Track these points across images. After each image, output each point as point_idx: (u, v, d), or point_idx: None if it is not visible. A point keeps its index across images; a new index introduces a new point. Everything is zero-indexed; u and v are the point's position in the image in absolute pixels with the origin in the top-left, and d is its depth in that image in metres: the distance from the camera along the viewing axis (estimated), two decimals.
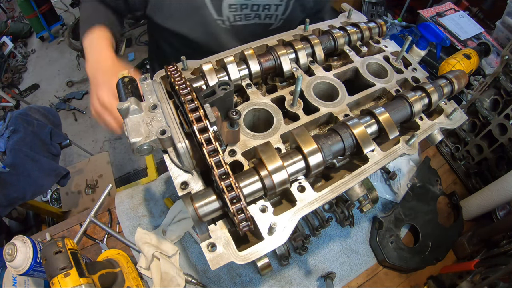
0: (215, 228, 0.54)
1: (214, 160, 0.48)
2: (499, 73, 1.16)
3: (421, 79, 0.81)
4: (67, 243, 0.75)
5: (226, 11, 0.95)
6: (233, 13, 0.96)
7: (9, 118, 1.59)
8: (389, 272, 1.11)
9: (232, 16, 0.97)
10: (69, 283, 0.69)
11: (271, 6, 0.98)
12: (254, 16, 1.00)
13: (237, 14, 0.97)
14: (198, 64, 0.73)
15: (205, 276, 1.03)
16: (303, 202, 0.56)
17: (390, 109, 0.67)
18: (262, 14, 1.00)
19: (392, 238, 1.10)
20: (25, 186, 1.53)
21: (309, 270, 1.06)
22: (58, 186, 2.29)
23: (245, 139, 0.63)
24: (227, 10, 0.94)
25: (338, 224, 1.15)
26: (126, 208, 1.14)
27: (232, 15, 0.96)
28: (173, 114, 0.57)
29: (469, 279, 0.95)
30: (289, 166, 0.55)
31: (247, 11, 0.97)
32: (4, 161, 1.48)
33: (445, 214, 1.25)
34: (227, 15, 0.96)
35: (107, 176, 2.39)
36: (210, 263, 0.50)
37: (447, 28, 1.79)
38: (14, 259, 0.75)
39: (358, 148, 0.61)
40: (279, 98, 0.72)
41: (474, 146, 1.31)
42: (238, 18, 0.98)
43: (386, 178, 1.26)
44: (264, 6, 0.97)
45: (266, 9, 0.99)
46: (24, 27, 4.28)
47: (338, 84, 0.75)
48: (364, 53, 0.86)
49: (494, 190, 1.11)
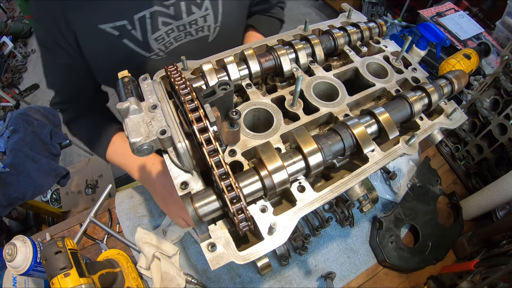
0: (215, 228, 0.54)
1: (214, 160, 0.48)
2: (499, 73, 1.16)
3: (421, 79, 0.81)
4: (67, 243, 0.75)
5: (155, 45, 0.89)
6: (162, 43, 0.90)
7: (9, 118, 1.59)
8: (389, 272, 1.11)
9: (162, 46, 0.91)
10: (69, 283, 0.69)
11: (197, 20, 0.91)
12: (185, 35, 0.93)
13: (166, 41, 0.91)
14: (198, 64, 0.73)
15: (205, 276, 1.03)
16: (303, 202, 0.56)
17: (390, 109, 0.67)
18: (192, 31, 0.93)
19: (392, 238, 1.10)
20: (25, 186, 1.53)
21: (309, 270, 1.06)
22: (58, 186, 2.29)
23: (245, 139, 0.63)
24: (155, 44, 0.89)
25: (338, 224, 1.15)
26: (126, 208, 1.14)
27: (162, 45, 0.90)
28: (173, 114, 0.57)
29: (469, 279, 0.95)
30: (289, 166, 0.55)
31: (174, 34, 0.90)
32: (4, 161, 1.48)
33: (445, 214, 1.25)
34: (158, 48, 0.90)
35: (107, 176, 2.40)
36: (210, 263, 0.50)
37: (447, 28, 1.79)
38: (14, 259, 0.75)
39: (358, 148, 0.61)
40: (279, 98, 0.72)
41: (474, 146, 1.31)
42: (169, 44, 0.92)
43: (386, 178, 1.26)
44: (190, 23, 0.90)
45: (194, 24, 0.91)
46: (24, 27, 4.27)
47: (338, 84, 0.75)
48: (364, 53, 0.86)
49: (494, 190, 1.11)
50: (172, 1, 0.84)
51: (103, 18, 0.80)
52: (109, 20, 0.80)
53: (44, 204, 2.15)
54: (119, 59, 0.88)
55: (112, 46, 0.85)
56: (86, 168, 2.43)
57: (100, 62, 0.90)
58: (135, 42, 0.86)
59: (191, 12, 0.88)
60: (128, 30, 0.83)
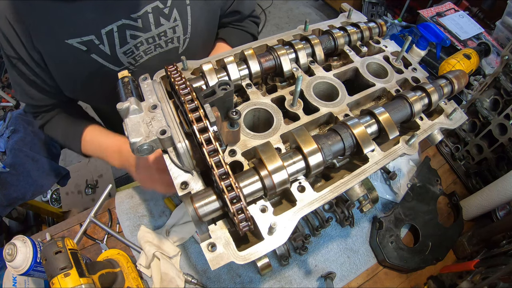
0: (215, 228, 0.54)
1: (214, 160, 0.48)
2: (499, 73, 1.16)
3: (421, 79, 0.81)
4: (67, 243, 0.75)
5: (124, 58, 0.87)
6: (132, 56, 0.89)
7: (9, 118, 1.59)
8: (389, 272, 1.11)
9: (132, 59, 0.89)
10: (69, 283, 0.69)
11: (166, 31, 0.89)
12: (154, 47, 0.91)
13: (136, 54, 0.89)
14: (198, 64, 0.73)
15: (205, 276, 1.03)
16: (303, 202, 0.56)
17: (390, 109, 0.67)
18: (162, 42, 0.91)
19: (392, 238, 1.10)
20: (25, 186, 1.53)
21: (309, 270, 1.06)
22: (58, 186, 2.29)
23: (245, 139, 0.63)
24: (124, 58, 0.87)
25: (338, 224, 1.15)
26: (126, 208, 1.14)
27: (132, 59, 0.89)
28: (173, 114, 0.57)
29: (469, 279, 0.95)
30: (289, 166, 0.55)
31: (144, 47, 0.89)
32: (4, 161, 1.48)
33: (445, 214, 1.25)
34: (128, 61, 0.89)
35: (107, 176, 2.40)
36: (210, 263, 0.50)
37: (447, 28, 1.79)
38: (14, 259, 0.75)
39: (358, 148, 0.61)
40: (279, 98, 0.72)
41: (474, 146, 1.31)
42: (139, 57, 0.90)
43: (386, 178, 1.26)
44: (158, 35, 0.88)
45: (163, 36, 0.89)
46: None
47: (338, 84, 0.75)
48: (364, 53, 0.86)
49: (494, 190, 1.11)
50: (140, 13, 0.82)
51: (70, 33, 0.78)
52: (76, 35, 0.79)
53: (44, 204, 2.15)
54: (88, 74, 0.88)
55: (80, 61, 0.84)
56: (86, 168, 2.43)
57: (70, 77, 0.89)
58: (103, 57, 0.85)
59: (160, 24, 0.87)
60: (96, 45, 0.82)
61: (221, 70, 0.72)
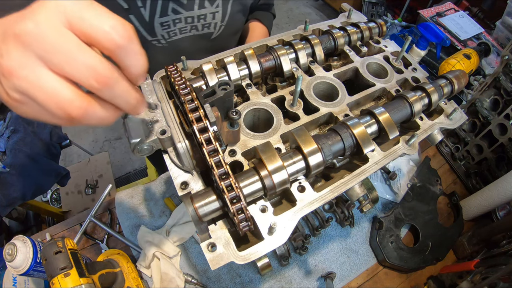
0: (215, 228, 0.54)
1: (214, 160, 0.48)
2: (499, 73, 1.16)
3: (421, 79, 0.81)
4: (67, 243, 0.75)
5: (159, 29, 0.88)
6: (167, 30, 0.89)
7: (9, 118, 1.59)
8: (389, 272, 1.11)
9: (166, 33, 0.90)
10: (69, 283, 0.69)
11: (206, 15, 0.91)
12: (190, 28, 0.92)
13: (171, 30, 0.90)
14: (198, 64, 0.73)
15: (205, 276, 1.03)
16: (303, 202, 0.56)
17: (390, 109, 0.67)
18: (199, 25, 0.93)
19: (392, 238, 1.10)
20: (25, 186, 1.53)
21: (309, 270, 1.06)
22: (58, 186, 2.29)
23: (245, 139, 0.63)
24: (159, 29, 0.88)
25: (338, 224, 1.15)
26: (126, 208, 1.14)
27: (166, 32, 0.90)
28: (173, 114, 0.57)
29: (469, 279, 0.95)
30: (289, 166, 0.55)
31: (181, 25, 0.90)
32: (4, 161, 1.48)
33: (445, 214, 1.25)
34: (161, 34, 0.90)
35: (107, 176, 2.40)
36: (210, 263, 0.50)
37: (447, 28, 1.79)
38: (14, 259, 0.75)
39: (358, 148, 0.61)
40: (279, 98, 0.72)
41: (474, 146, 1.31)
42: (173, 33, 0.91)
43: (386, 178, 1.26)
44: (198, 16, 0.90)
45: (202, 19, 0.91)
46: None
47: (338, 84, 0.75)
48: (364, 53, 0.86)
49: (494, 190, 1.11)
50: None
51: None
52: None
53: (44, 204, 2.15)
54: None
55: None
56: (86, 168, 2.43)
57: None
58: (140, 21, 0.85)
59: (203, 6, 0.89)
60: (137, 7, 0.82)
61: (221, 70, 0.72)
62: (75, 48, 0.31)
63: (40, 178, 1.57)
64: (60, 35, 0.31)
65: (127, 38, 0.33)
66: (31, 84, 0.31)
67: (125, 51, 0.33)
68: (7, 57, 0.31)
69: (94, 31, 0.31)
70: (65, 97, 0.32)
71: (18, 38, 0.31)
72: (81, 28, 0.31)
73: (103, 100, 0.35)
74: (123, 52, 0.33)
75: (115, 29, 0.32)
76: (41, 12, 0.31)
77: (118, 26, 0.32)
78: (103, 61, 0.33)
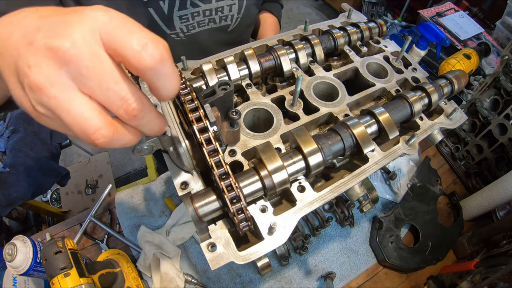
0: (215, 228, 0.54)
1: (214, 160, 0.48)
2: (499, 73, 1.16)
3: (421, 79, 0.81)
4: (67, 243, 0.75)
5: (178, 23, 0.89)
6: (185, 24, 0.90)
7: (9, 118, 1.59)
8: (389, 272, 1.11)
9: (185, 27, 0.91)
10: (69, 283, 0.69)
11: (224, 8, 0.93)
12: (208, 21, 0.94)
13: (190, 23, 0.91)
14: (198, 64, 0.73)
15: (205, 276, 1.03)
16: (303, 202, 0.56)
17: (390, 109, 0.67)
18: (217, 18, 0.95)
19: (392, 238, 1.10)
20: (25, 186, 1.53)
21: (309, 270, 1.06)
22: (58, 186, 2.29)
23: (245, 139, 0.63)
24: (178, 22, 0.89)
25: (338, 224, 1.15)
26: (126, 208, 1.14)
27: (184, 26, 0.91)
28: (173, 114, 0.57)
29: (469, 279, 0.95)
30: (289, 166, 0.55)
31: (199, 18, 0.91)
32: (4, 161, 1.48)
33: (445, 214, 1.25)
34: (180, 27, 0.90)
35: (107, 176, 2.40)
36: (210, 263, 0.50)
37: (447, 28, 1.79)
38: (14, 259, 0.75)
39: (358, 148, 0.61)
40: (279, 98, 0.72)
41: (474, 146, 1.31)
42: (192, 27, 0.93)
43: (386, 178, 1.26)
44: (216, 9, 0.92)
45: (220, 12, 0.93)
46: None
47: (338, 84, 0.75)
48: (364, 53, 0.86)
49: (494, 190, 1.11)
50: None
51: None
52: None
53: (44, 204, 2.15)
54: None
55: (135, 12, 0.82)
56: (86, 168, 2.43)
57: None
58: (159, 14, 0.85)
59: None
60: (156, 0, 0.82)
61: (221, 70, 0.72)
62: (109, 75, 0.30)
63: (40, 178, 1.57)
64: (96, 59, 0.29)
65: (158, 59, 0.30)
66: (60, 105, 0.30)
67: (155, 72, 0.31)
68: (37, 71, 0.29)
69: (123, 50, 0.30)
70: (92, 125, 0.31)
71: (52, 54, 0.28)
72: (113, 47, 0.30)
73: (128, 125, 0.35)
74: (152, 73, 0.31)
75: (145, 48, 0.30)
76: (78, 29, 0.29)
77: (149, 45, 0.30)
78: (135, 92, 0.32)
